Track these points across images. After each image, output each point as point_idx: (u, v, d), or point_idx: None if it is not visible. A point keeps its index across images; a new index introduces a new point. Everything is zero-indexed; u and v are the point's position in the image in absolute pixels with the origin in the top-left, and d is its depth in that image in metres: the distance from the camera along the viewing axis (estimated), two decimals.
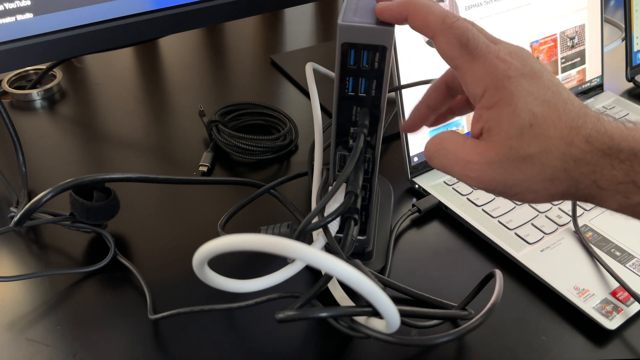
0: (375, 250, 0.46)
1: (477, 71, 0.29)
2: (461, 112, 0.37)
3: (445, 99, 0.36)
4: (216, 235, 0.37)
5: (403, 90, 0.52)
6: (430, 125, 0.38)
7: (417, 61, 0.52)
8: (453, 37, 0.30)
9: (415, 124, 0.37)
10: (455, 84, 0.35)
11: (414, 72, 0.52)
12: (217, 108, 0.61)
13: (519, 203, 0.52)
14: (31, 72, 0.71)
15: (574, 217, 0.50)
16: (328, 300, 0.40)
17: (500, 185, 0.29)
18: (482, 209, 0.51)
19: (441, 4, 0.53)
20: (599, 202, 0.29)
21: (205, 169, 0.56)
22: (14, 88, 0.68)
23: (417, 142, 0.54)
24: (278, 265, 0.36)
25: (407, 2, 0.31)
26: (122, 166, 0.57)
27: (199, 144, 0.60)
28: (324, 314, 0.34)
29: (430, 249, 0.49)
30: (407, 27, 0.33)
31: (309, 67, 0.50)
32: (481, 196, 0.52)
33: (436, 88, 0.36)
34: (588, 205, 0.52)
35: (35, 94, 0.67)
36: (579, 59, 0.66)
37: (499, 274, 0.40)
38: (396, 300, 0.35)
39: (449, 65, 0.31)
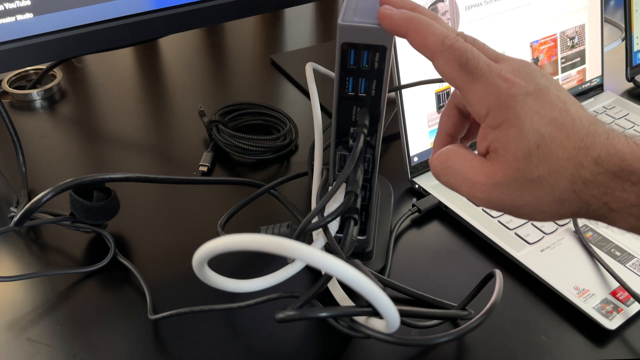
0: (375, 250, 0.46)
1: (479, 91, 0.29)
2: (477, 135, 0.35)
3: (462, 122, 0.35)
4: (216, 235, 0.37)
5: (403, 90, 0.52)
6: None
7: (417, 61, 0.52)
8: (452, 59, 0.29)
9: None
10: (463, 104, 0.34)
11: (414, 72, 0.52)
12: (217, 108, 0.61)
13: None
14: (31, 72, 0.71)
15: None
16: (328, 300, 0.40)
17: (508, 205, 0.29)
18: (482, 209, 0.51)
19: (441, 4, 0.53)
20: (610, 222, 0.28)
21: (205, 169, 0.56)
22: (14, 88, 0.68)
23: (417, 142, 0.54)
24: (278, 265, 0.36)
25: (409, 17, 0.30)
26: (122, 166, 0.57)
27: (199, 144, 0.60)
28: (323, 314, 0.34)
29: (430, 249, 0.49)
30: None
31: (309, 67, 0.50)
32: None
33: (448, 114, 0.35)
34: None
35: (35, 94, 0.67)
36: (579, 59, 0.66)
37: (498, 274, 0.40)
38: (396, 300, 0.35)
39: (451, 86, 0.31)
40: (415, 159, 0.54)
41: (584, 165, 0.27)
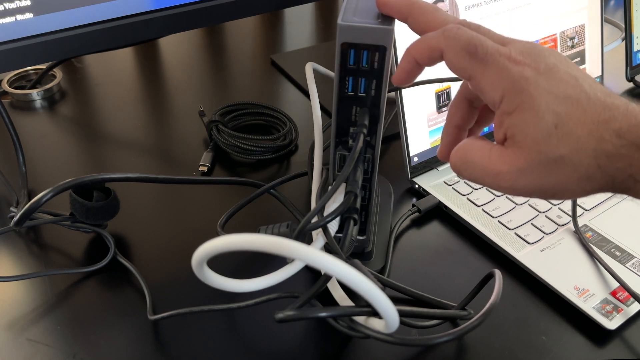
0: (375, 250, 0.46)
1: (491, 77, 0.28)
2: (487, 122, 0.35)
3: (470, 114, 0.34)
4: (216, 235, 0.37)
5: (403, 90, 0.52)
6: None
7: None
8: (459, 49, 0.29)
9: (451, 149, 0.34)
10: (474, 95, 0.33)
11: None
12: (217, 108, 0.61)
13: (519, 203, 0.52)
14: (31, 72, 0.71)
15: (574, 217, 0.50)
16: (328, 300, 0.40)
17: (536, 190, 0.29)
18: (482, 209, 0.51)
19: (440, 4, 0.53)
20: (636, 194, 0.28)
21: (205, 169, 0.56)
22: (14, 88, 0.68)
23: (417, 142, 0.54)
24: (278, 265, 0.36)
25: (411, 1, 0.31)
26: (122, 166, 0.57)
27: (199, 144, 0.60)
28: (323, 314, 0.34)
29: (430, 249, 0.49)
30: (406, 27, 0.33)
31: (309, 67, 0.50)
32: (481, 196, 0.52)
33: (457, 106, 0.34)
34: (588, 205, 0.52)
35: (35, 94, 0.67)
36: (579, 59, 0.66)
37: (498, 274, 0.40)
38: (396, 300, 0.35)
39: (461, 77, 0.30)
40: (415, 159, 0.54)
41: (606, 139, 0.26)
